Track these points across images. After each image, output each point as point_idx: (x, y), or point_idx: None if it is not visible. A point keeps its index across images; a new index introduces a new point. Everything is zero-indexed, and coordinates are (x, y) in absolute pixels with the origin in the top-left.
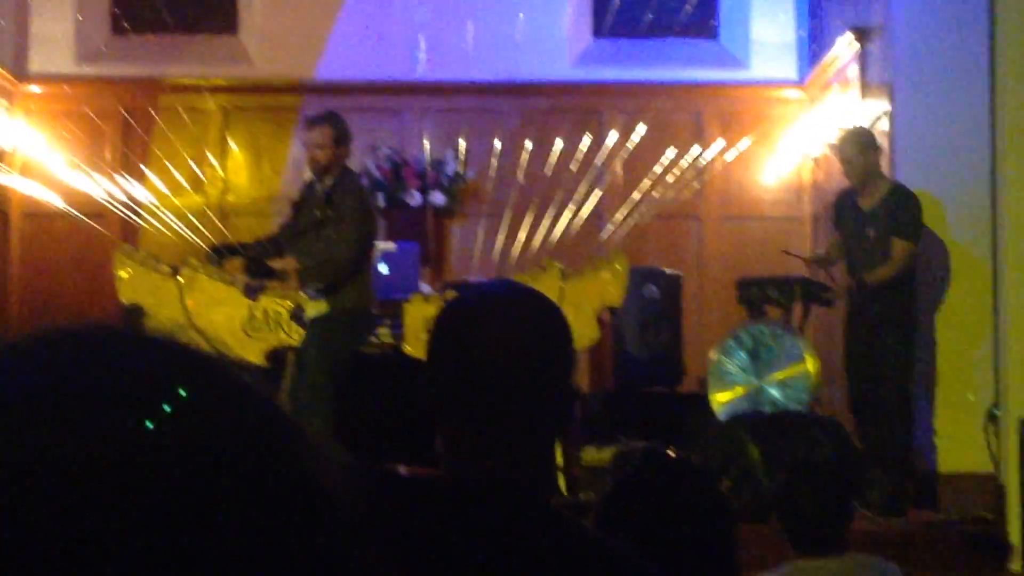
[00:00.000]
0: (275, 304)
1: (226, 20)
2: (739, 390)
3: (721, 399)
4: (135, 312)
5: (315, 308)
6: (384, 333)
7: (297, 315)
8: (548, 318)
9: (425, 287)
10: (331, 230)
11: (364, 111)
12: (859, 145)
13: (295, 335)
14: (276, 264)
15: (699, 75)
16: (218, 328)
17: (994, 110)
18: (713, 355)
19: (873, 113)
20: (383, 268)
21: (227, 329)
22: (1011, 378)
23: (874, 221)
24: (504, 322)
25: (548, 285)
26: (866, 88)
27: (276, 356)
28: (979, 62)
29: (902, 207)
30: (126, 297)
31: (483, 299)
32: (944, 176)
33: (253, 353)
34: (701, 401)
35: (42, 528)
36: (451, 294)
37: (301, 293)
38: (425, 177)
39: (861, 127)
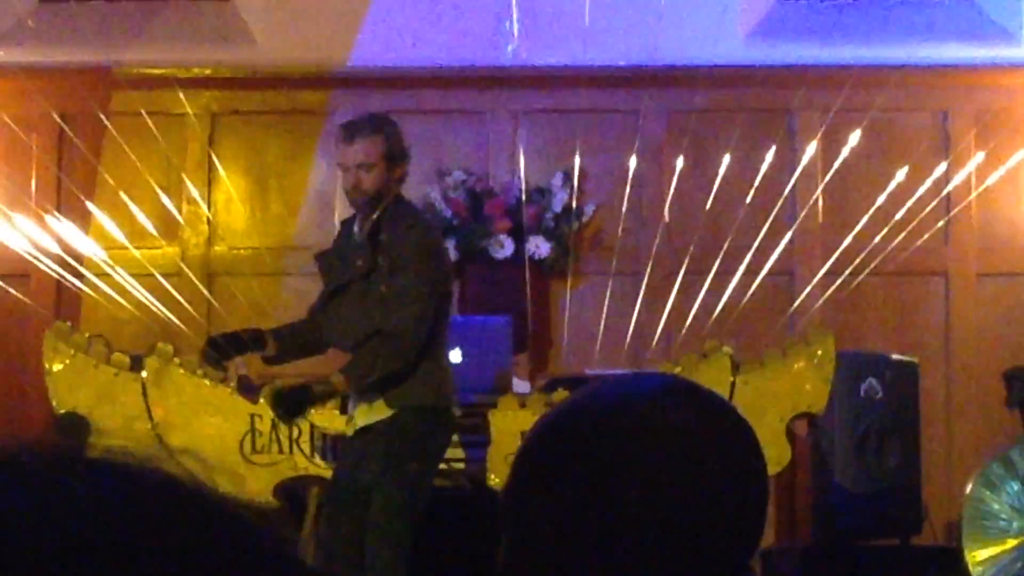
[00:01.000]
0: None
1: None
2: (1011, 542)
3: (982, 556)
4: (73, 425)
5: (367, 413)
6: (456, 456)
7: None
8: (730, 435)
9: (521, 384)
10: (386, 289)
11: (425, 115)
12: None
13: (321, 459)
14: (319, 389)
15: (945, 54)
16: (203, 449)
17: None
18: (970, 489)
19: None
20: (455, 356)
21: (217, 450)
22: None
23: None
24: (652, 442)
25: (712, 379)
26: None
27: (290, 492)
28: None
29: None
30: (60, 401)
31: (614, 406)
32: None
33: (256, 486)
34: (951, 560)
35: None
36: (561, 395)
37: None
38: (520, 214)
39: None
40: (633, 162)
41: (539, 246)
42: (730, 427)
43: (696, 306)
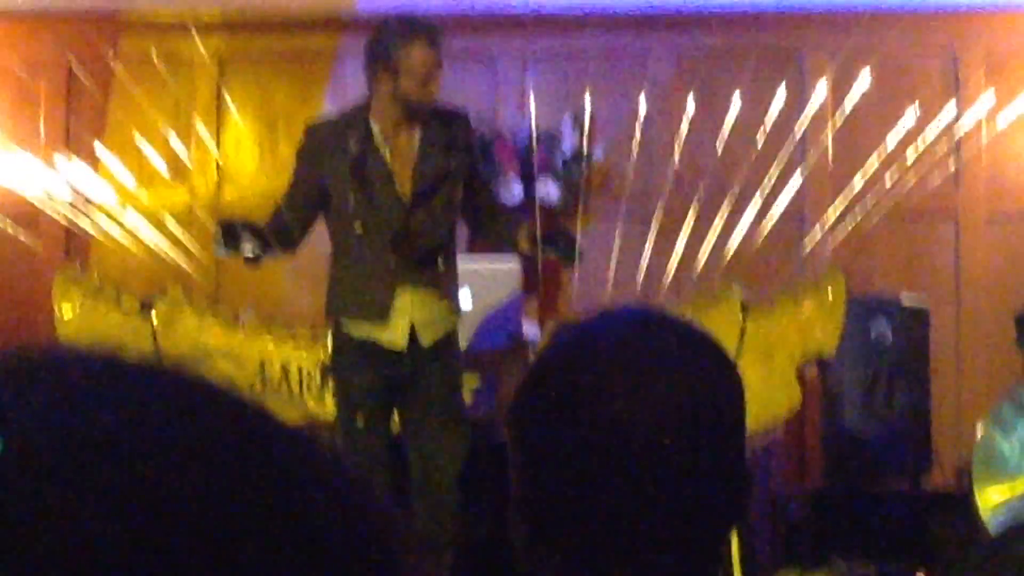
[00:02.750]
0: (301, 354)
1: None
2: (1021, 485)
3: (994, 499)
4: None
5: (431, 322)
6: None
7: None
8: (709, 364)
9: (531, 328)
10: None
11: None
12: None
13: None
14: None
15: None
16: None
17: None
18: (981, 430)
19: None
20: (465, 298)
21: None
22: None
23: None
24: (635, 374)
25: (722, 322)
26: None
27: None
28: None
29: None
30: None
31: (600, 339)
32: None
33: None
34: (962, 502)
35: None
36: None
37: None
38: (529, 158)
39: None
40: (643, 105)
41: (549, 190)
42: (712, 357)
43: (706, 249)
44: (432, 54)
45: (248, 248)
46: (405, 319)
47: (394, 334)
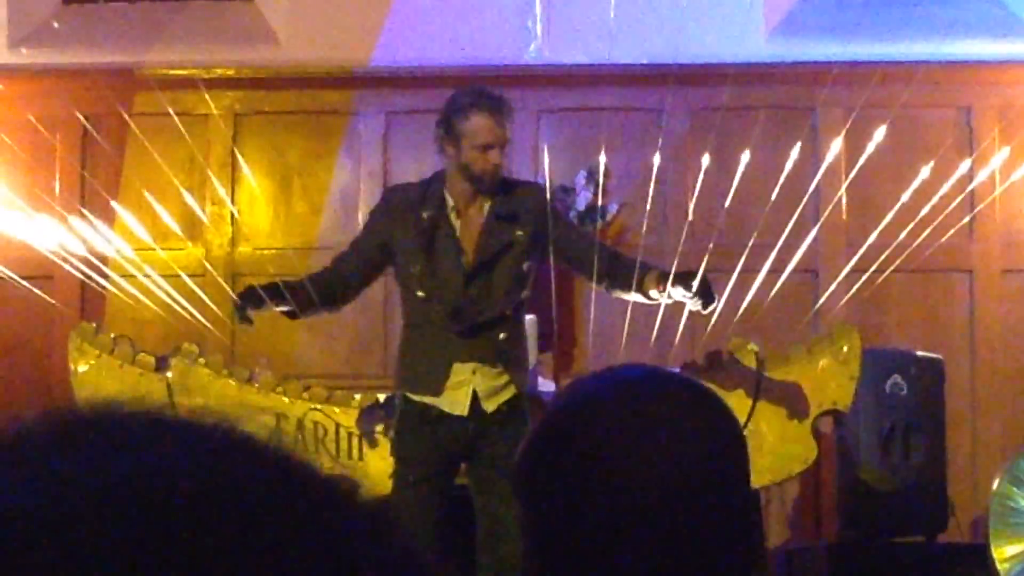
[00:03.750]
0: (315, 411)
1: None
2: None
3: (1009, 553)
4: None
5: (493, 391)
6: None
7: (371, 420)
8: (712, 422)
9: (547, 383)
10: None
11: None
12: None
13: (348, 457)
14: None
15: (969, 50)
16: None
17: None
18: (996, 485)
19: None
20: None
21: None
22: None
23: None
24: (638, 433)
25: (738, 378)
26: None
27: None
28: None
29: None
30: (86, 402)
31: (603, 399)
32: None
33: None
34: (978, 556)
35: None
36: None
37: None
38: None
39: None
40: (657, 160)
41: None
42: (711, 411)
43: (720, 304)
44: (492, 123)
45: (272, 307)
46: (467, 388)
47: (455, 402)
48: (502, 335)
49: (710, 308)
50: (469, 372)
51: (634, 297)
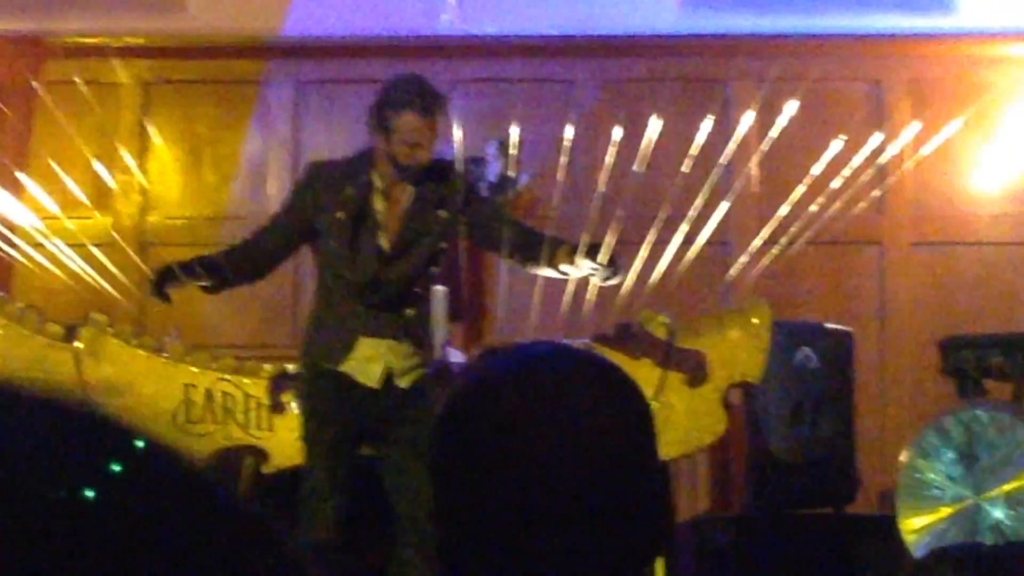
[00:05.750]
0: (224, 381)
1: None
2: (944, 511)
3: (916, 524)
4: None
5: (408, 373)
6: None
7: (280, 390)
8: (620, 398)
9: (456, 355)
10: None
11: (358, 84)
12: None
13: (257, 427)
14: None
15: (878, 23)
16: (137, 419)
17: None
18: (904, 457)
19: None
20: None
21: (150, 421)
22: None
23: None
24: (546, 408)
25: (647, 350)
26: None
27: (224, 462)
28: None
29: None
30: None
31: (511, 375)
32: None
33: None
34: (886, 528)
35: None
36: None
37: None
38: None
39: None
40: (568, 131)
41: None
42: (614, 385)
43: (632, 275)
44: (423, 124)
45: (189, 282)
46: (380, 363)
47: (368, 374)
48: (409, 311)
49: (616, 280)
50: (383, 348)
51: (545, 271)
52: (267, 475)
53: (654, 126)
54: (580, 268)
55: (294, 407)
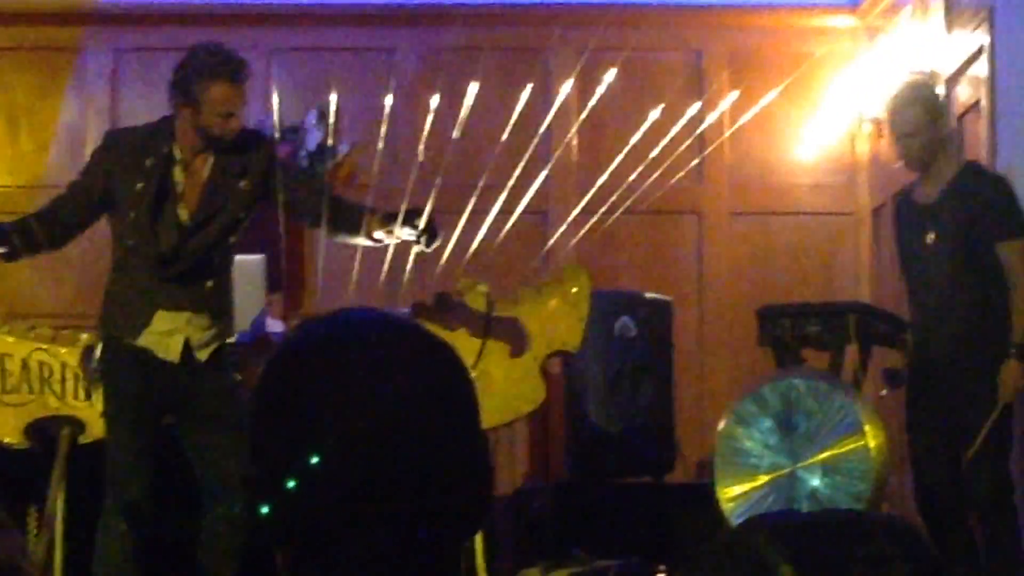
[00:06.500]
0: (41, 351)
1: None
2: (762, 479)
3: (734, 492)
4: None
5: (207, 345)
6: None
7: (93, 360)
8: (439, 366)
9: (276, 324)
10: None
11: (177, 52)
12: (926, 106)
13: (74, 397)
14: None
15: None
16: None
17: None
18: (722, 426)
19: (963, 52)
20: None
21: None
22: None
23: (935, 220)
24: (365, 375)
25: (466, 319)
26: (954, 14)
27: (41, 432)
28: None
29: (993, 192)
30: None
31: (331, 341)
32: None
33: (6, 427)
34: (704, 496)
35: None
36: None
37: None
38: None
39: (922, 78)
40: (388, 100)
41: None
42: (433, 353)
43: (451, 245)
44: (234, 91)
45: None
46: (180, 336)
47: (167, 348)
48: (209, 283)
49: (433, 246)
50: (182, 321)
51: (361, 241)
52: (84, 445)
53: (473, 94)
54: (397, 236)
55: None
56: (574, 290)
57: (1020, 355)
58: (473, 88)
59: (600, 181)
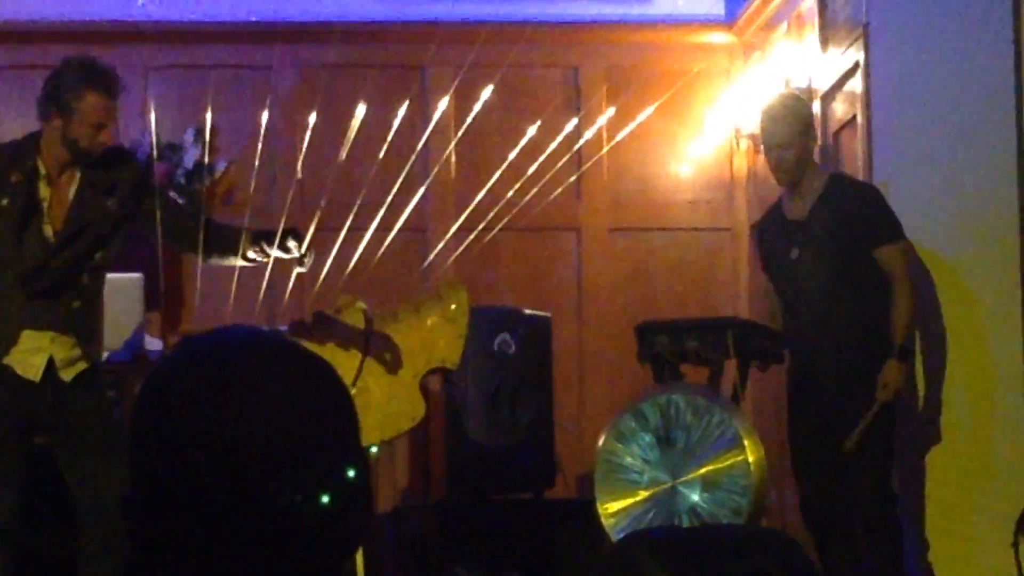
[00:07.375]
0: None
1: None
2: (642, 494)
3: (615, 508)
4: None
5: (72, 364)
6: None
7: None
8: (309, 378)
9: (154, 342)
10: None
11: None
12: (799, 119)
13: None
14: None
15: (575, 10)
16: None
17: (1021, 60)
18: (602, 442)
19: (838, 69)
20: None
21: None
22: None
23: (805, 235)
24: (241, 394)
25: (344, 336)
26: (829, 31)
27: None
28: None
29: (863, 199)
30: None
31: (207, 360)
32: (947, 163)
33: None
34: (584, 512)
35: None
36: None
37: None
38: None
39: (794, 92)
40: (265, 117)
41: None
42: (307, 367)
43: (329, 262)
44: (107, 102)
45: None
46: (43, 354)
47: (28, 366)
48: (76, 303)
49: (306, 264)
50: (47, 340)
51: (236, 262)
52: None
53: (355, 112)
54: (270, 255)
55: None
56: (453, 306)
57: (900, 355)
58: (361, 110)
59: (478, 197)
